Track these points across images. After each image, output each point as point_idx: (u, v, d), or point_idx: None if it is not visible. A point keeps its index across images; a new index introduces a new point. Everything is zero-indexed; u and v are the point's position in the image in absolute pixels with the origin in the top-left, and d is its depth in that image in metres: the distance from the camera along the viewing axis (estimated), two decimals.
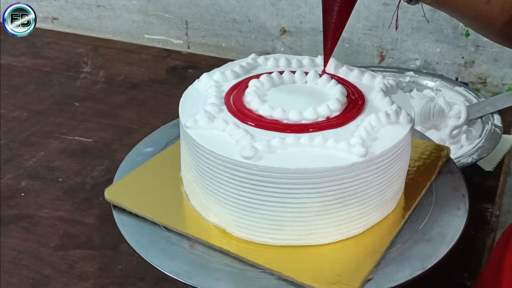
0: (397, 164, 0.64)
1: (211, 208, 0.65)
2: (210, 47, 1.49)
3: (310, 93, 0.70)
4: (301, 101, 0.67)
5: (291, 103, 0.66)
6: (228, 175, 0.60)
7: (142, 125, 1.17)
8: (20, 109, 1.25)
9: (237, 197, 0.61)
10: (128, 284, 0.83)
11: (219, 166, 0.61)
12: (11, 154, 1.11)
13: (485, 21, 0.69)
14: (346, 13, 0.70)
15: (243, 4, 1.41)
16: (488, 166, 1.02)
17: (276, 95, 0.69)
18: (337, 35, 0.71)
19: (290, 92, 0.70)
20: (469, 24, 0.75)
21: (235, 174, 0.60)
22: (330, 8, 0.69)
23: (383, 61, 1.34)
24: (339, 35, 0.71)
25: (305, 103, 0.66)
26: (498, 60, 1.25)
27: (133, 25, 1.55)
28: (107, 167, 1.06)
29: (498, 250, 0.79)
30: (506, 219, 1.13)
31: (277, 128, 0.63)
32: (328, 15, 0.69)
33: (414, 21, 1.28)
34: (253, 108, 0.66)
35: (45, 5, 1.61)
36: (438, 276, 0.67)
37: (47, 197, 1.00)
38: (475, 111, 1.06)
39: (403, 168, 0.67)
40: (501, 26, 0.69)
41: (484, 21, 0.69)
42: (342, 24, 0.70)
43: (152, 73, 1.38)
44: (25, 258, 0.88)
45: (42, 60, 1.44)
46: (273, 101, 0.66)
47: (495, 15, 0.68)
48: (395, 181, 0.65)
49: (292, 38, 1.40)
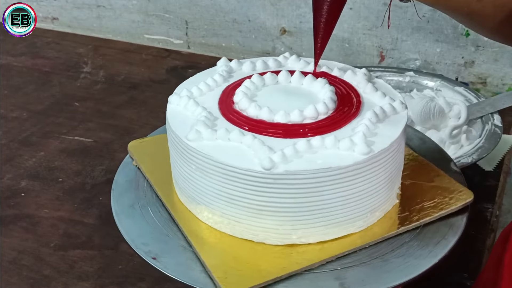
0: (397, 156, 0.65)
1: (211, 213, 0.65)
2: (210, 47, 1.49)
3: (300, 93, 0.70)
4: (295, 101, 0.67)
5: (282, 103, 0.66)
6: (248, 186, 0.60)
7: (142, 125, 1.17)
8: (20, 109, 1.25)
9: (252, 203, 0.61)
10: (128, 284, 0.83)
11: (236, 178, 0.60)
12: (11, 154, 1.11)
13: (478, 19, 0.69)
14: (336, 13, 0.70)
15: (243, 4, 1.41)
16: (488, 166, 1.02)
17: (269, 96, 0.69)
18: (327, 35, 0.71)
19: (282, 92, 0.70)
20: (463, 21, 0.76)
21: (255, 184, 0.60)
22: (320, 8, 0.69)
23: (383, 61, 1.34)
24: (329, 34, 0.71)
25: (300, 103, 0.66)
26: (498, 60, 1.25)
27: (133, 25, 1.55)
28: (107, 167, 1.06)
29: (498, 250, 0.79)
30: (506, 219, 1.13)
31: (282, 134, 0.63)
32: (318, 15, 0.69)
33: (414, 21, 1.28)
34: (252, 114, 0.65)
35: (45, 5, 1.61)
36: (438, 276, 0.67)
37: (47, 197, 1.00)
38: (475, 111, 1.06)
39: (400, 162, 0.67)
40: (494, 23, 0.69)
41: (477, 18, 0.69)
42: (332, 24, 0.70)
43: (152, 73, 1.38)
44: (25, 258, 0.88)
45: (42, 60, 1.44)
46: (270, 104, 0.66)
47: (488, 13, 0.68)
48: (394, 177, 0.66)
49: (292, 38, 1.40)
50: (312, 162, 0.59)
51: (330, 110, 0.65)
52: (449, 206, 0.66)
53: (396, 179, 0.67)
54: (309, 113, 0.64)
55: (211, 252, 0.62)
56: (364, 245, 0.63)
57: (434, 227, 0.65)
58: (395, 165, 0.65)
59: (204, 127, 0.63)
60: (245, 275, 0.59)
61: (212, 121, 0.65)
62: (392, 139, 0.63)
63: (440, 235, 0.64)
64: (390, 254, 0.62)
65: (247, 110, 0.65)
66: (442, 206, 0.66)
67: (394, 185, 0.67)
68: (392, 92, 0.71)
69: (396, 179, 0.67)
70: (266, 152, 0.59)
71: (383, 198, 0.65)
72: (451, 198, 0.67)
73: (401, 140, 0.65)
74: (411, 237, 0.64)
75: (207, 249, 0.62)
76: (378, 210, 0.65)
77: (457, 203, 0.66)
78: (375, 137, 0.63)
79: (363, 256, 0.62)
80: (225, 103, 0.68)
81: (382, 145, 0.62)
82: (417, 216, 0.65)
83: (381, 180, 0.63)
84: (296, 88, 0.71)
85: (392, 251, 0.62)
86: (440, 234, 0.64)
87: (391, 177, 0.65)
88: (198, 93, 0.70)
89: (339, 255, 0.62)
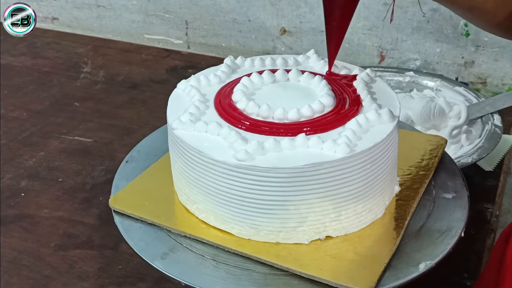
0: (383, 161, 0.64)
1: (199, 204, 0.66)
2: (210, 47, 1.49)
3: (299, 91, 0.70)
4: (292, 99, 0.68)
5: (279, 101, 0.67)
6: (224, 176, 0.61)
7: (142, 125, 1.17)
8: (20, 109, 1.25)
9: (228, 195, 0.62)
10: (128, 284, 0.83)
11: (214, 169, 0.61)
12: (11, 154, 1.11)
13: (479, 13, 0.70)
14: (348, 16, 0.70)
15: (243, 4, 1.41)
16: (488, 166, 1.02)
17: (268, 94, 0.69)
18: (340, 38, 0.71)
19: (281, 91, 0.70)
20: (464, 15, 0.75)
21: (230, 175, 0.61)
22: (332, 12, 0.69)
23: (383, 61, 1.34)
24: (342, 37, 0.71)
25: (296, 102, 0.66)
26: (498, 60, 1.25)
27: (133, 25, 1.55)
28: (107, 167, 1.06)
29: (498, 250, 0.79)
30: (506, 219, 1.13)
31: (272, 132, 0.63)
32: (330, 19, 0.70)
33: (414, 21, 1.28)
34: (250, 111, 0.66)
35: (45, 5, 1.61)
36: (438, 276, 0.67)
37: (47, 197, 1.00)
38: (475, 111, 1.06)
39: (390, 164, 0.67)
40: (494, 17, 0.69)
41: (478, 12, 0.70)
42: (344, 27, 0.71)
43: (152, 73, 1.38)
44: (25, 258, 0.88)
45: (42, 60, 1.44)
46: (269, 102, 0.66)
47: (489, 7, 0.68)
48: (384, 178, 0.65)
49: (292, 38, 1.40)
50: (281, 160, 0.59)
51: (317, 112, 0.65)
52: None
53: (379, 187, 0.65)
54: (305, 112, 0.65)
55: None
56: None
57: (434, 226, 0.65)
58: (377, 171, 0.63)
59: (188, 116, 0.65)
60: None
61: (203, 110, 0.67)
62: (373, 143, 0.62)
63: (440, 235, 0.64)
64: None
65: (241, 105, 0.66)
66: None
67: (379, 192, 0.66)
68: (389, 97, 0.70)
69: (379, 187, 0.65)
70: (240, 145, 0.60)
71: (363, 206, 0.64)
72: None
73: (386, 146, 0.64)
74: (409, 237, 0.64)
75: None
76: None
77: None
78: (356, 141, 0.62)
79: None
80: (222, 95, 0.69)
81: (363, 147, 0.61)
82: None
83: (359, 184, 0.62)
84: (294, 85, 0.71)
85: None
86: (440, 234, 0.64)
87: (370, 184, 0.64)
88: (206, 83, 0.72)
89: None
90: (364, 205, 0.64)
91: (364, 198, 0.63)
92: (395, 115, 0.65)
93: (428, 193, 0.70)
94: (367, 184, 0.63)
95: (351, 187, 0.62)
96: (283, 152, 0.60)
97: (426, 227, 0.65)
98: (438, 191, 0.71)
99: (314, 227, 0.62)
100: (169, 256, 0.62)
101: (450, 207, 0.68)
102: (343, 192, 0.62)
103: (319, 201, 0.61)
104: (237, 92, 0.68)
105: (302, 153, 0.60)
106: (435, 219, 0.66)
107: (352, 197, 0.62)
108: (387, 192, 0.67)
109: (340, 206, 0.62)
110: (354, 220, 0.64)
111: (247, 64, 0.77)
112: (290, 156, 0.60)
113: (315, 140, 0.61)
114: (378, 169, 0.63)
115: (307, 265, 0.60)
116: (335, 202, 0.62)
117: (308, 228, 0.62)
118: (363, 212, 0.64)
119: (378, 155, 0.63)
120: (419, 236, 0.64)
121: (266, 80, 0.71)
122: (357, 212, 0.64)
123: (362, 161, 0.61)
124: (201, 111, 0.67)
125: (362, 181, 0.62)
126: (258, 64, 0.76)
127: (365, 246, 0.63)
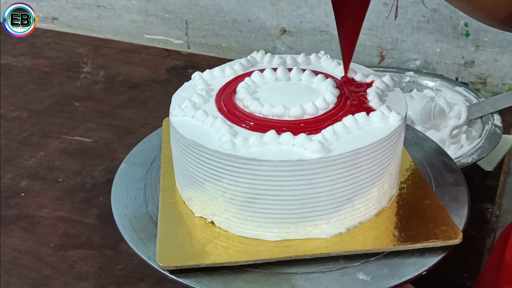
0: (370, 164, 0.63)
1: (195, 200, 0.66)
2: (210, 47, 1.49)
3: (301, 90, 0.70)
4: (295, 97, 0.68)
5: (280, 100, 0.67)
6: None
7: (142, 125, 1.17)
8: (20, 109, 1.25)
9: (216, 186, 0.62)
10: (128, 284, 0.83)
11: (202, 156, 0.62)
12: (11, 154, 1.11)
13: (477, 4, 0.70)
14: (359, 21, 0.70)
15: (243, 4, 1.41)
16: (488, 166, 1.02)
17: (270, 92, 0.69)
18: (353, 42, 0.71)
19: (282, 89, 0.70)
20: (460, 7, 0.75)
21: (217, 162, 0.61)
22: (343, 19, 0.69)
23: (383, 61, 1.34)
24: (355, 41, 0.71)
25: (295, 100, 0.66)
26: (498, 60, 1.25)
27: (133, 25, 1.55)
28: (107, 167, 1.06)
29: (498, 250, 0.79)
30: (506, 219, 1.13)
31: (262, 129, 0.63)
32: (341, 26, 0.70)
33: (414, 21, 1.28)
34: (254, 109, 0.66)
35: (45, 5, 1.61)
36: (438, 276, 0.67)
37: (47, 197, 1.00)
38: (475, 111, 1.07)
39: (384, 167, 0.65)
40: (492, 9, 0.69)
41: (475, 4, 0.70)
42: (357, 32, 0.71)
43: (152, 73, 1.38)
44: (25, 258, 0.88)
45: (42, 60, 1.45)
46: (272, 100, 0.66)
47: (502, 5, 0.68)
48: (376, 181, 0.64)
49: (292, 38, 1.40)
50: (266, 153, 0.59)
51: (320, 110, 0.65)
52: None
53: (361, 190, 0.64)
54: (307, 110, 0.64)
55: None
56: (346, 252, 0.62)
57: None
58: (360, 173, 0.62)
59: (188, 103, 0.66)
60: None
61: (206, 99, 0.68)
62: (353, 147, 0.61)
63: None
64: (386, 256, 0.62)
65: (246, 103, 0.66)
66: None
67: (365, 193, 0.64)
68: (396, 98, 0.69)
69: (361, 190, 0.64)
70: (227, 135, 0.61)
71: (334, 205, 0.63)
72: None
73: (371, 151, 0.62)
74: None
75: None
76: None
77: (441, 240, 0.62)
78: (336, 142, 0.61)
79: None
80: (226, 88, 0.70)
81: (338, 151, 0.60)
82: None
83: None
84: (297, 84, 0.71)
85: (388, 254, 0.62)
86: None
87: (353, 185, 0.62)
88: (218, 74, 0.73)
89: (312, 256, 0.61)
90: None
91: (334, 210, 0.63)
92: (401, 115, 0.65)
93: None
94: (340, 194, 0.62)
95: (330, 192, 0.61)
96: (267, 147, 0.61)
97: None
98: (438, 191, 0.71)
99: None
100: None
101: (450, 207, 0.68)
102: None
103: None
104: (241, 89, 0.68)
105: (284, 150, 0.60)
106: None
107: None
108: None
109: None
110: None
111: (265, 60, 0.77)
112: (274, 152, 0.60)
113: (302, 138, 0.60)
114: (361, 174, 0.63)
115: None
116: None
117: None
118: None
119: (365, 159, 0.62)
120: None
121: (268, 79, 0.71)
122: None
123: (337, 163, 0.60)
124: (205, 99, 0.68)
125: (338, 189, 0.62)
126: (276, 62, 0.76)
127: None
